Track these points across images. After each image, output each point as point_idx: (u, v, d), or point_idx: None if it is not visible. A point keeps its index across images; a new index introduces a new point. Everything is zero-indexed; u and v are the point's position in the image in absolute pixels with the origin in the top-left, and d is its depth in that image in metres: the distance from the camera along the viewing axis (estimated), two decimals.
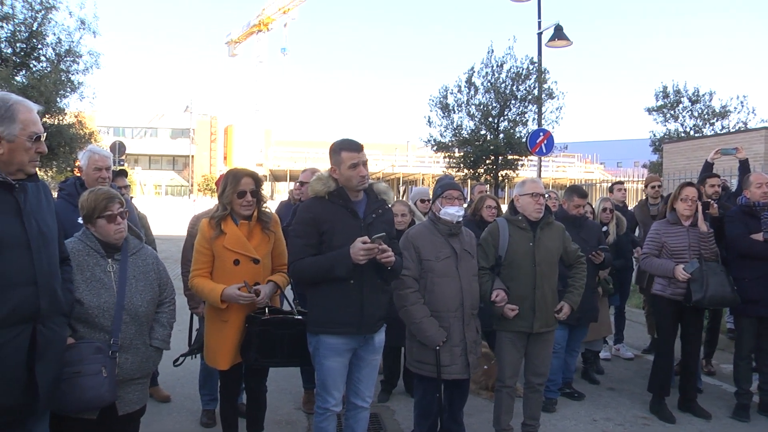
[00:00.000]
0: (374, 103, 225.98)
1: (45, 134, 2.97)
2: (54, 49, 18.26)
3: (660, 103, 27.13)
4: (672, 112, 27.12)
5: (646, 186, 8.68)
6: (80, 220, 3.64)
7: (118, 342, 3.39)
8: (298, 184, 6.23)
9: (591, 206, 7.11)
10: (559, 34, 14.00)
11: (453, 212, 4.43)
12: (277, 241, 4.31)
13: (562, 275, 5.02)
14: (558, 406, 5.97)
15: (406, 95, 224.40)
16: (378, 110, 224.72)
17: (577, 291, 4.97)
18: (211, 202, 49.26)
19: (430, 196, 7.40)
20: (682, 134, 26.10)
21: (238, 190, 4.08)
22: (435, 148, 23.03)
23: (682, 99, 26.79)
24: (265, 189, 4.98)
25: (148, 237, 5.46)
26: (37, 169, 3.03)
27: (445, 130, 22.39)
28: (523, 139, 18.52)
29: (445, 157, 23.84)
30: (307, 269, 3.81)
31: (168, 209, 38.12)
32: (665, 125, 27.58)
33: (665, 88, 26.86)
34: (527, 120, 21.42)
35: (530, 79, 20.63)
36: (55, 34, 18.17)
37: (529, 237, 4.77)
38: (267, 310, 4.07)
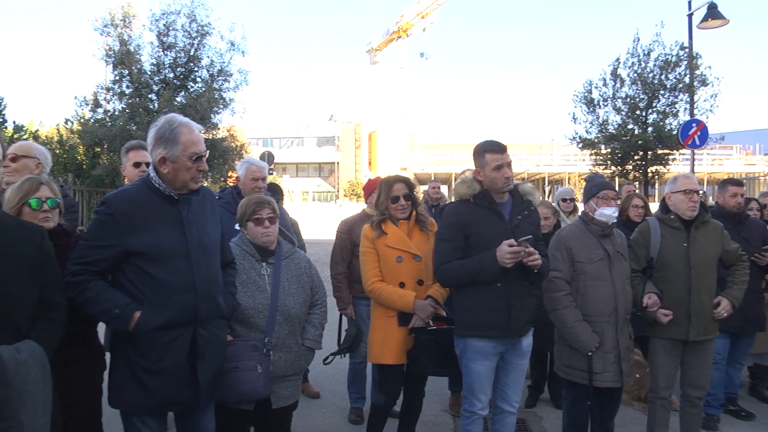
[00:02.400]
0: (517, 101, 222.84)
1: (207, 153, 3.18)
2: (208, 71, 19.59)
3: None
4: None
5: None
6: (237, 227, 3.89)
7: (272, 341, 3.59)
8: (435, 185, 6.38)
9: (758, 202, 6.48)
10: (712, 13, 13.01)
11: (609, 213, 4.25)
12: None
13: (721, 279, 4.62)
14: (721, 425, 5.43)
15: (550, 92, 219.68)
16: (521, 109, 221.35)
17: (737, 287, 4.57)
18: (356, 206, 50.55)
19: (573, 196, 7.25)
20: None
21: (391, 196, 4.22)
22: (580, 145, 22.19)
23: None
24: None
25: (299, 242, 5.68)
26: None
27: (591, 126, 21.51)
28: (674, 132, 17.46)
29: (591, 155, 22.91)
30: (453, 272, 3.82)
31: (315, 215, 39.48)
32: None
33: None
34: (678, 111, 20.03)
35: (680, 66, 19.27)
36: (208, 57, 19.52)
37: (683, 237, 4.47)
38: (430, 320, 4.17)
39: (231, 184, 5.56)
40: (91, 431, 3.33)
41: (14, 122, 22.39)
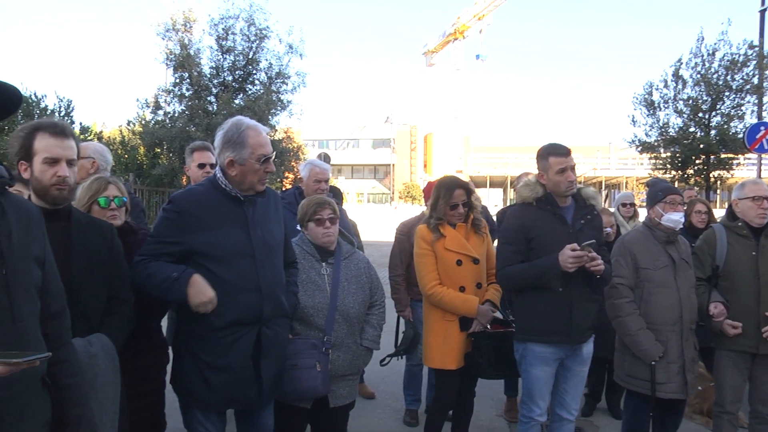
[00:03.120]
0: (573, 104, 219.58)
1: (274, 154, 3.24)
2: (266, 73, 19.98)
3: None
4: None
5: None
6: (299, 227, 3.95)
7: (331, 340, 3.62)
8: None
9: None
10: None
11: (677, 219, 4.13)
12: (489, 244, 4.35)
13: None
14: None
15: (608, 94, 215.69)
16: (578, 111, 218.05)
17: None
18: (411, 208, 50.58)
19: (633, 200, 7.08)
20: None
21: (450, 203, 4.15)
22: (639, 148, 21.69)
23: None
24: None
25: (358, 243, 5.71)
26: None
27: (651, 129, 20.99)
28: (740, 135, 16.94)
29: (650, 158, 22.39)
30: (515, 276, 3.79)
31: (370, 216, 39.56)
32: None
33: None
34: (744, 113, 19.40)
35: (748, 66, 18.55)
36: (267, 60, 19.93)
37: (752, 246, 4.27)
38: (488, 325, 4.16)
39: (288, 186, 5.60)
40: (154, 422, 3.42)
41: (80, 123, 23.17)
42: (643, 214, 5.04)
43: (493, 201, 64.71)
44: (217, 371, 3.05)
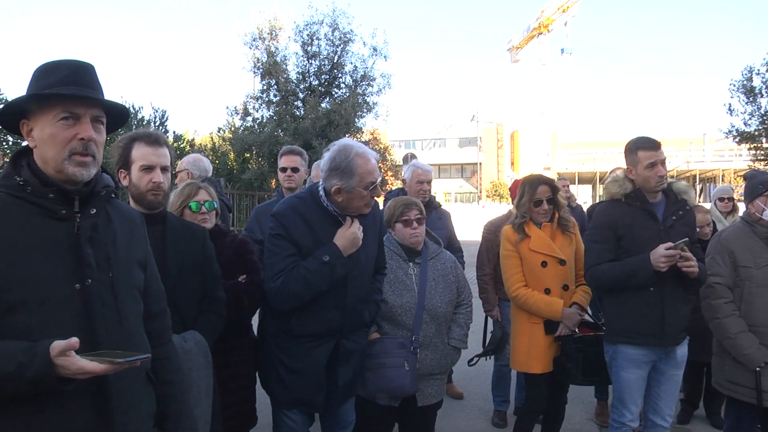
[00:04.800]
0: (664, 94, 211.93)
1: (381, 178, 3.27)
2: (351, 76, 20.30)
3: None
4: None
5: None
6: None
7: (419, 339, 3.64)
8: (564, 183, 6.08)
9: None
10: None
11: None
12: (578, 244, 4.23)
13: None
14: None
15: (702, 82, 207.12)
16: (669, 102, 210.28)
17: None
18: (499, 207, 50.01)
19: (732, 194, 6.76)
20: None
21: (534, 199, 4.09)
22: (737, 139, 20.74)
23: None
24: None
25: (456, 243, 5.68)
26: None
27: (750, 118, 20.01)
28: None
29: (749, 149, 21.38)
30: (604, 275, 3.69)
31: (458, 216, 39.27)
32: None
33: None
34: None
35: None
36: (352, 63, 20.25)
37: None
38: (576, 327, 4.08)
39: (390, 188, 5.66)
40: (246, 417, 3.55)
41: (174, 132, 24.16)
42: (742, 208, 4.77)
43: (581, 198, 63.31)
44: (292, 373, 3.19)
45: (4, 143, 20.10)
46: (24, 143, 1.96)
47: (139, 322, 2.03)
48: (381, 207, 3.88)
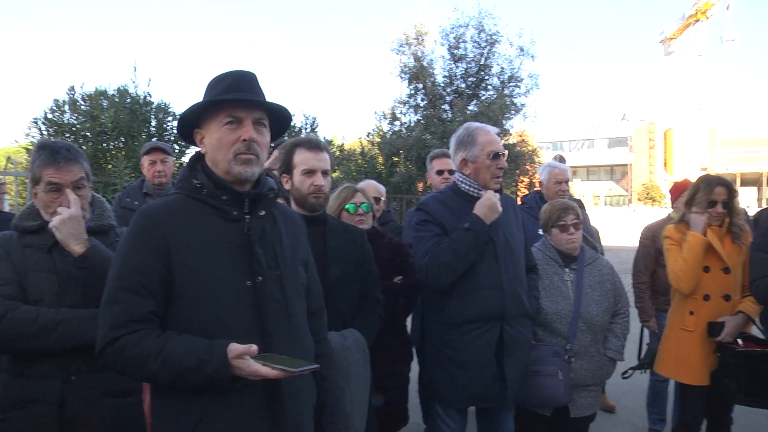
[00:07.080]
0: None
1: (506, 153, 3.36)
2: (498, 78, 20.06)
3: None
4: None
5: None
6: (540, 231, 3.95)
7: (574, 348, 3.56)
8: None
9: None
10: None
11: None
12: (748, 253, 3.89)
13: None
14: None
15: None
16: None
17: None
18: (651, 211, 47.81)
19: None
20: None
21: (709, 199, 3.84)
22: None
23: None
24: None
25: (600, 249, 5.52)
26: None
27: None
28: None
29: None
30: None
31: (608, 220, 37.99)
32: None
33: None
34: None
35: None
36: (498, 65, 19.98)
37: None
38: (740, 340, 3.76)
39: (524, 190, 5.62)
40: (398, 416, 3.61)
41: (324, 138, 24.99)
42: None
43: (744, 202, 59.10)
44: (459, 367, 3.19)
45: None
46: (195, 149, 2.14)
47: (304, 317, 2.15)
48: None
